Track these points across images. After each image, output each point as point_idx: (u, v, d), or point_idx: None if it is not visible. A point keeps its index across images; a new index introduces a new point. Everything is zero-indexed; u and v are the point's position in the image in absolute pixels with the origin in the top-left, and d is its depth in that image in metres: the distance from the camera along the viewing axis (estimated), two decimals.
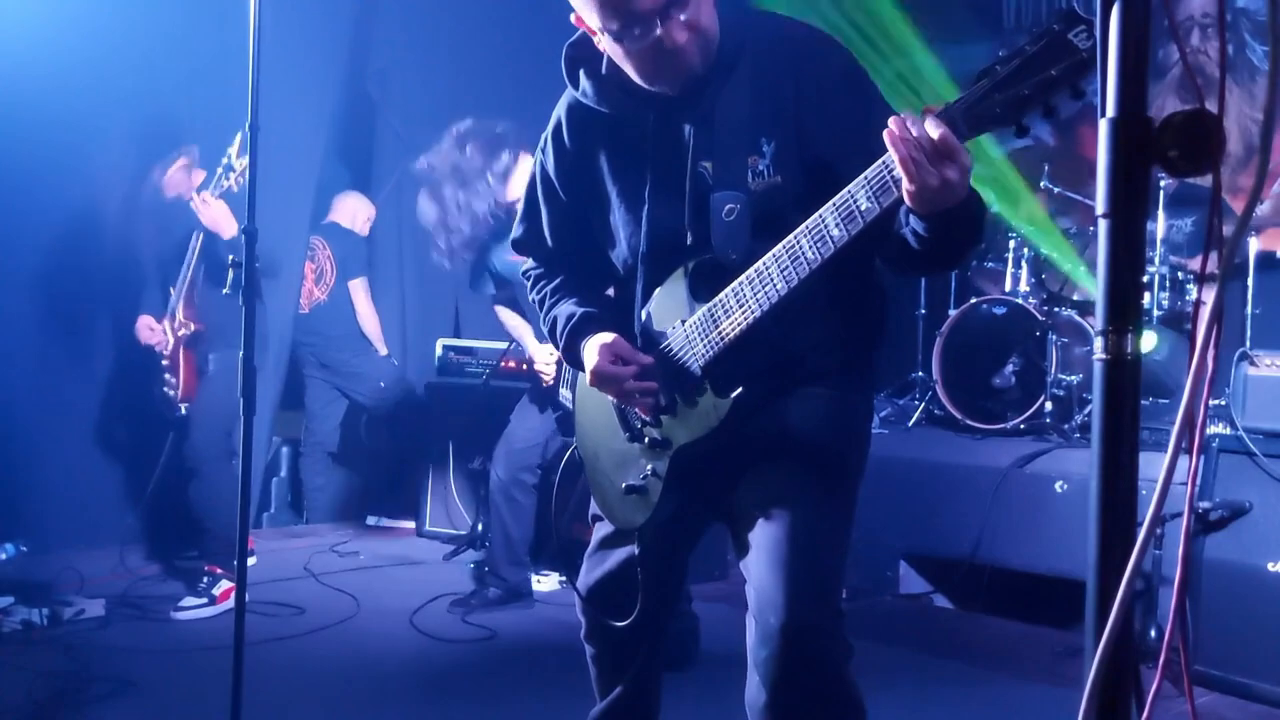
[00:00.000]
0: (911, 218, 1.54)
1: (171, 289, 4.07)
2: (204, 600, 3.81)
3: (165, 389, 4.09)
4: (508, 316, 3.99)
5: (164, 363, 4.08)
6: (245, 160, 3.73)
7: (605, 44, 1.72)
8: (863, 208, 1.53)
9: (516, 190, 3.59)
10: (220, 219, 3.82)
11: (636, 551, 1.92)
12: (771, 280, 1.64)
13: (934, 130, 1.41)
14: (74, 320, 4.58)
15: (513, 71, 5.39)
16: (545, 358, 3.83)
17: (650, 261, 1.83)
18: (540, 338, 3.87)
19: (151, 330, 4.10)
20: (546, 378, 3.83)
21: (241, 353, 2.27)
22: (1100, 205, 0.96)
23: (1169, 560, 3.27)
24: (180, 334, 4.04)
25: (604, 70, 1.83)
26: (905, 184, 1.45)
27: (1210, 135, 0.92)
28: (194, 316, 4.04)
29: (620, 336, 1.84)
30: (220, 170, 3.82)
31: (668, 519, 1.88)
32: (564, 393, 3.72)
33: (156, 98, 4.56)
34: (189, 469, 4.00)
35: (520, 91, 3.81)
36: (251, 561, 4.30)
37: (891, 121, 1.43)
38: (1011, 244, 4.88)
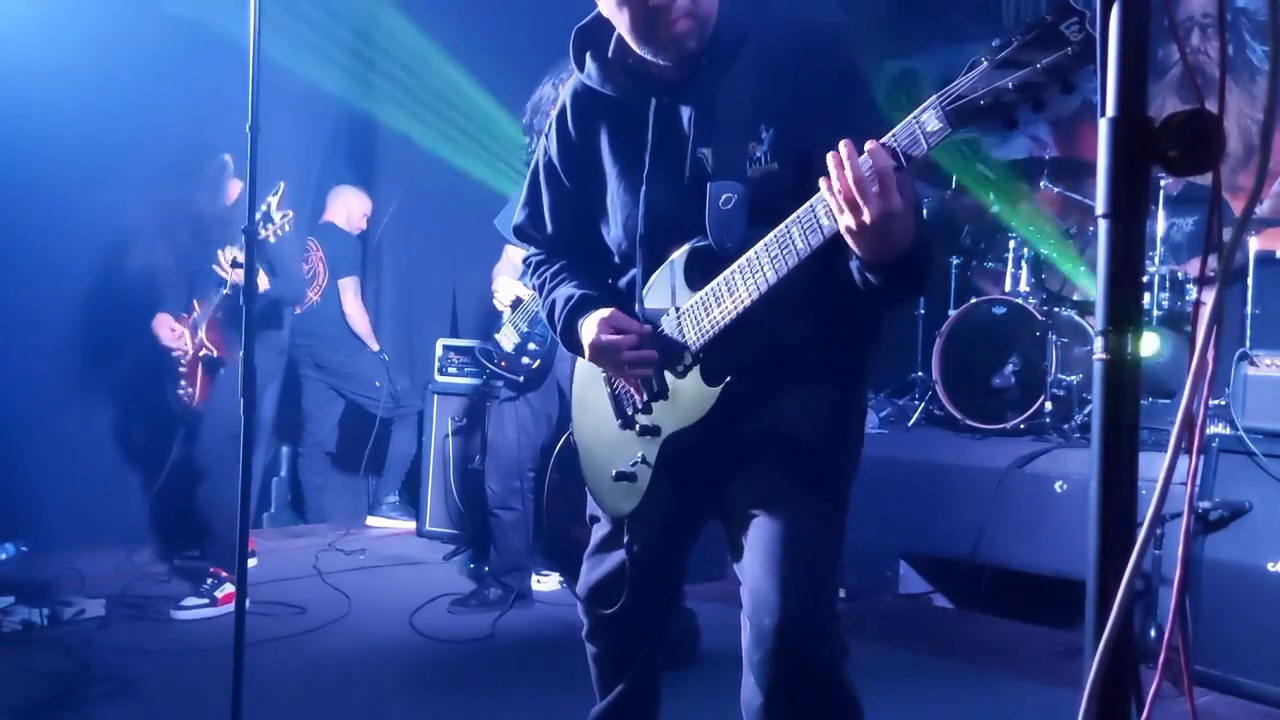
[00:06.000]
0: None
1: (196, 302, 4.07)
2: (205, 601, 3.81)
3: (180, 393, 4.10)
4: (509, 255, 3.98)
5: (181, 369, 4.09)
6: (288, 214, 3.73)
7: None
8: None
9: None
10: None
11: (625, 540, 1.91)
12: (761, 269, 1.64)
13: (854, 169, 1.45)
14: (77, 321, 4.58)
15: (513, 70, 5.39)
16: (511, 287, 3.80)
17: (647, 245, 1.83)
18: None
19: (173, 331, 4.09)
20: (500, 301, 3.82)
21: (242, 353, 2.27)
22: (1100, 205, 0.96)
23: (1169, 560, 3.26)
24: (201, 353, 4.06)
25: (610, 54, 1.85)
26: (840, 225, 1.50)
27: (1210, 135, 0.92)
28: (218, 342, 4.05)
29: (618, 310, 1.85)
30: (259, 218, 3.78)
31: (659, 510, 1.87)
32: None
33: (161, 100, 4.57)
34: (198, 471, 4.00)
35: (521, 90, 3.79)
36: (252, 563, 4.30)
37: (829, 158, 1.48)
38: (1011, 244, 4.88)
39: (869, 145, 1.46)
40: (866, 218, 1.45)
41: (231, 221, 3.96)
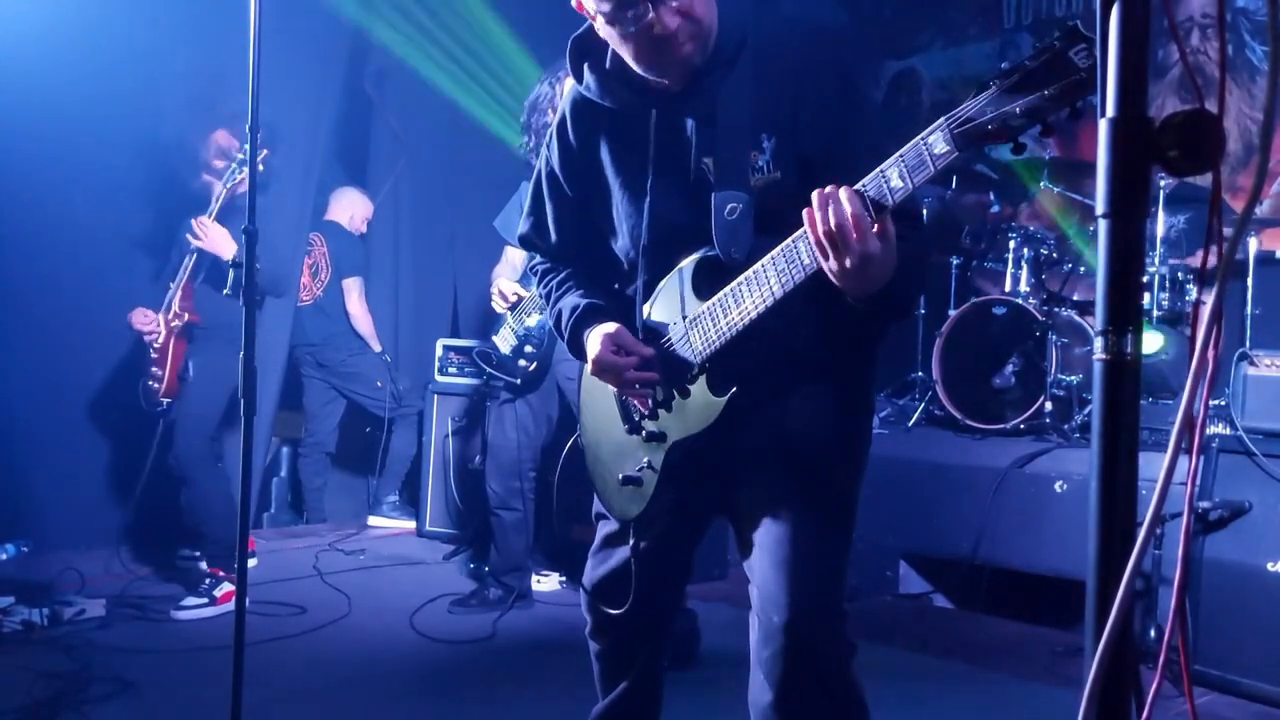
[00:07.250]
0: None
1: (171, 284, 4.07)
2: (205, 600, 3.81)
3: (150, 381, 4.07)
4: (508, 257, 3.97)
5: (152, 354, 4.07)
6: (264, 152, 3.74)
7: (601, 27, 1.72)
8: None
9: None
10: (219, 242, 3.84)
11: (631, 542, 1.92)
12: (768, 281, 1.64)
13: (835, 215, 1.47)
14: (75, 321, 4.57)
15: (512, 70, 5.39)
16: (508, 288, 3.80)
17: (652, 255, 1.83)
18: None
19: (146, 318, 4.08)
20: (500, 305, 3.83)
21: (242, 353, 2.27)
22: (1100, 205, 0.96)
23: (1169, 560, 3.26)
24: (173, 325, 4.02)
25: (608, 64, 1.83)
26: (822, 264, 1.53)
27: (1210, 135, 0.92)
28: (190, 308, 4.03)
29: (623, 327, 1.85)
30: (234, 166, 3.81)
31: (665, 512, 1.88)
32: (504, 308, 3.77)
33: (156, 98, 4.57)
34: (178, 477, 4.00)
35: (519, 91, 3.80)
36: (252, 563, 4.30)
37: (814, 196, 1.50)
38: (1011, 244, 4.88)
39: (843, 192, 1.48)
40: (845, 263, 1.49)
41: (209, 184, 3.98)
